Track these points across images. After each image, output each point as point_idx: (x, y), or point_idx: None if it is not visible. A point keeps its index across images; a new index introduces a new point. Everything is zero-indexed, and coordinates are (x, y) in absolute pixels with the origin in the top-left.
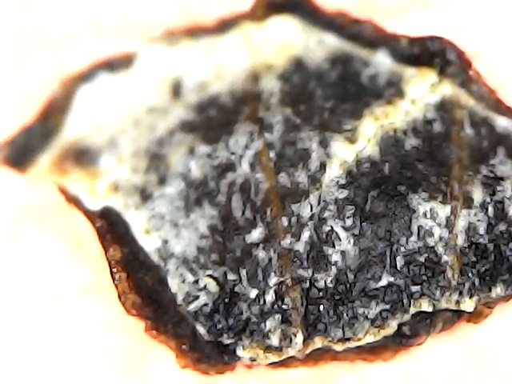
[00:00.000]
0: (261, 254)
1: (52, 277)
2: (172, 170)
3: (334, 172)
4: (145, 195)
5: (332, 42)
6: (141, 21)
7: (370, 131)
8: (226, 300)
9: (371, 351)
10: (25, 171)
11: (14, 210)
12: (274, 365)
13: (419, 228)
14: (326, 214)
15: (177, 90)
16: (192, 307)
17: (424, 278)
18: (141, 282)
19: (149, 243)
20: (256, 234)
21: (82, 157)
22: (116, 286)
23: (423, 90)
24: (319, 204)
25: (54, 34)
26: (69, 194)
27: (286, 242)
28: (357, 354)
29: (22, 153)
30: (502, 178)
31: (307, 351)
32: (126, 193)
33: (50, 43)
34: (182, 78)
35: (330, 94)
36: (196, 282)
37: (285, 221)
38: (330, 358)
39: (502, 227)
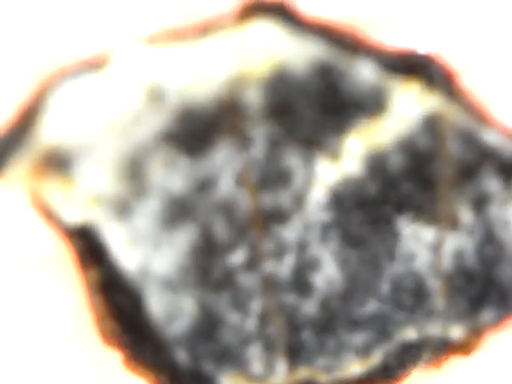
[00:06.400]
0: (243, 277)
1: None
2: (152, 182)
3: (317, 193)
4: (125, 207)
5: (315, 51)
6: (128, 22)
7: (354, 149)
8: (207, 324)
9: None
10: None
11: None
12: None
13: (405, 251)
14: (310, 236)
15: (157, 96)
16: (171, 330)
17: (409, 303)
18: (118, 307)
19: (128, 259)
20: (238, 256)
21: (58, 162)
22: (94, 310)
23: (407, 104)
24: (302, 226)
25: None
26: (47, 206)
27: (269, 265)
28: None
29: None
30: (488, 197)
31: (291, 381)
32: (105, 203)
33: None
34: (161, 83)
35: (313, 106)
36: (176, 303)
37: (267, 243)
38: None
39: (490, 249)
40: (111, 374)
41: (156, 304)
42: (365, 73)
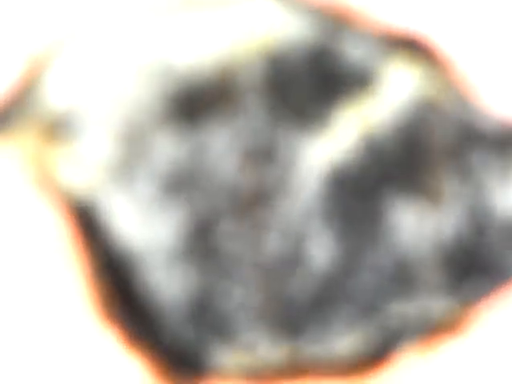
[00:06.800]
0: (239, 251)
1: None
2: (152, 148)
3: (306, 167)
4: (126, 173)
5: (310, 28)
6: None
7: (345, 125)
8: (203, 296)
9: (348, 368)
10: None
11: None
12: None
13: (394, 226)
14: (300, 209)
15: (158, 66)
16: (167, 301)
17: (399, 276)
18: (119, 285)
19: (129, 229)
20: (235, 230)
21: (63, 129)
22: (96, 289)
23: (397, 82)
24: (293, 198)
25: None
26: (51, 176)
27: (265, 239)
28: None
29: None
30: (473, 171)
31: (283, 353)
32: (107, 169)
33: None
34: (163, 54)
35: (306, 84)
36: (173, 275)
37: (264, 218)
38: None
39: (475, 223)
40: (113, 353)
41: (155, 273)
42: (357, 54)
